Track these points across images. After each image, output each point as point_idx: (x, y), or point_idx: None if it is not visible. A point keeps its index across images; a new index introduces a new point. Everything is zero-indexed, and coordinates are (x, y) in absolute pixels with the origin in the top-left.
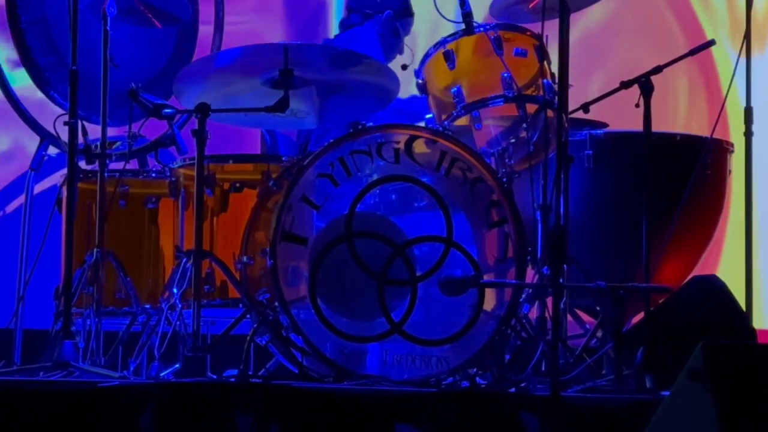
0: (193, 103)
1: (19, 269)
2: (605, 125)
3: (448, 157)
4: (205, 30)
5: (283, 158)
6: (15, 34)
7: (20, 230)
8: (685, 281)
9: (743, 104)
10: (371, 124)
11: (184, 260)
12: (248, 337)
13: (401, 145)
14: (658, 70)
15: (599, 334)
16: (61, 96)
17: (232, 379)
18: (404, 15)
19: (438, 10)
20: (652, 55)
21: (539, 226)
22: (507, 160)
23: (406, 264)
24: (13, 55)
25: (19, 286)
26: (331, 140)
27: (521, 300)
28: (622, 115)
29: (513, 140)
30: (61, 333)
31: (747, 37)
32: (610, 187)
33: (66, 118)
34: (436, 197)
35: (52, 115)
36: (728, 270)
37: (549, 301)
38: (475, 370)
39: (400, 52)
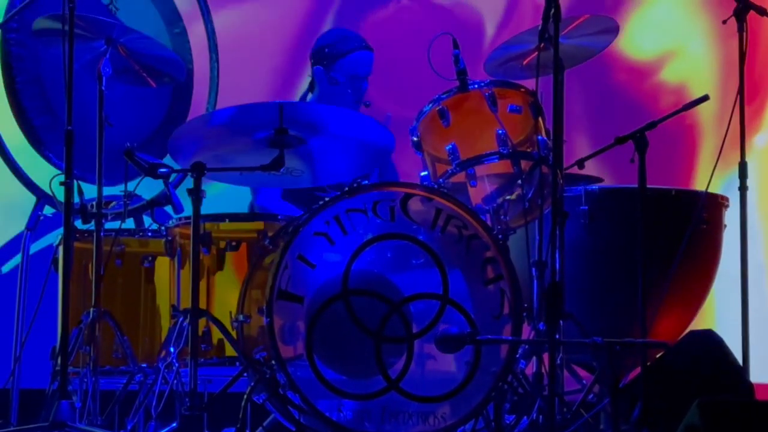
0: (188, 162)
1: (16, 329)
2: (600, 180)
3: (443, 215)
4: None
5: (279, 216)
6: (10, 95)
7: (17, 290)
8: (682, 336)
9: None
10: (366, 182)
11: (181, 319)
12: (245, 396)
13: (397, 203)
14: (652, 125)
15: (596, 389)
16: (56, 156)
17: None
18: (333, 61)
19: (432, 67)
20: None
21: (535, 282)
22: (502, 217)
23: (402, 321)
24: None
25: (16, 345)
26: (327, 199)
27: (518, 356)
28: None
29: (508, 197)
30: (57, 393)
31: (741, 92)
32: (606, 242)
33: (61, 178)
34: (431, 255)
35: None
36: (724, 324)
37: (545, 356)
38: (472, 425)
39: (360, 98)
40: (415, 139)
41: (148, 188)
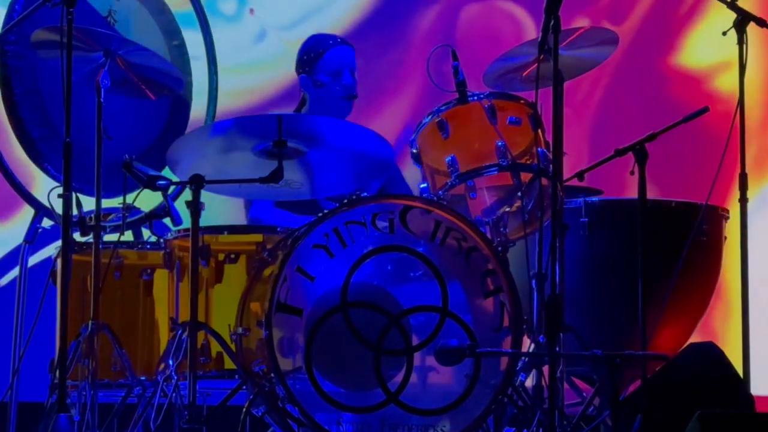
0: (187, 174)
1: (14, 342)
2: (600, 192)
3: (442, 227)
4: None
5: (278, 229)
6: (8, 107)
7: (15, 303)
8: (682, 348)
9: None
10: (366, 194)
11: (180, 331)
12: (244, 409)
13: (396, 215)
14: (652, 137)
15: (596, 402)
16: (54, 168)
17: None
18: (313, 64)
19: (431, 79)
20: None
21: (535, 294)
22: (502, 229)
23: (401, 334)
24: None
25: (14, 358)
26: (326, 211)
27: (518, 369)
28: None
29: (508, 209)
30: (56, 406)
31: (740, 103)
32: (606, 254)
33: (60, 190)
34: (431, 267)
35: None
36: (725, 337)
37: (545, 369)
38: None
39: (347, 92)
40: (414, 151)
41: (146, 200)
